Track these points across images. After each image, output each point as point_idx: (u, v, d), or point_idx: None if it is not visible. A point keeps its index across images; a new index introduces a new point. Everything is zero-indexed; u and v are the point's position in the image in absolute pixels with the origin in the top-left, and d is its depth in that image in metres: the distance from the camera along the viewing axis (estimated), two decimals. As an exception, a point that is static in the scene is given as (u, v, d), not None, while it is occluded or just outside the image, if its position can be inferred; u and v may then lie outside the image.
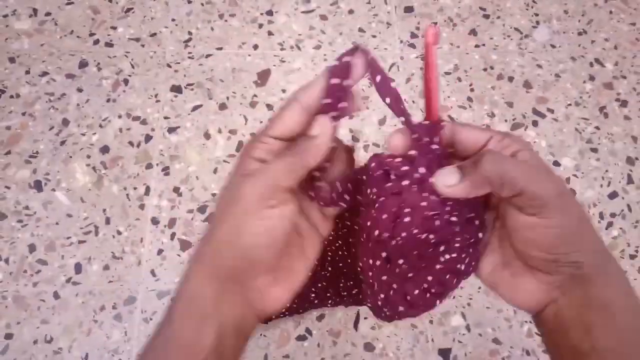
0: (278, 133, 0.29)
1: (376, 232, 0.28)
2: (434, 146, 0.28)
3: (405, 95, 0.75)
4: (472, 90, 0.77)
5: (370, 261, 0.29)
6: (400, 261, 0.29)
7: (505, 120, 0.75)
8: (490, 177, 0.26)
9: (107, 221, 0.65)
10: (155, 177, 0.68)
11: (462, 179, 0.27)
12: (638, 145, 0.74)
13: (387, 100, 0.28)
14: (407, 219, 0.28)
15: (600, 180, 0.72)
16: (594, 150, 0.74)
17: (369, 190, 0.29)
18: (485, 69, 0.79)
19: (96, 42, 0.77)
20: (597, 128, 0.75)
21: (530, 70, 0.79)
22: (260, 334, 0.61)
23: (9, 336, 0.59)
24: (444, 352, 0.61)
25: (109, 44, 0.77)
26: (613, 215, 0.69)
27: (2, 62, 0.75)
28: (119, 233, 0.65)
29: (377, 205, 0.28)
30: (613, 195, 0.71)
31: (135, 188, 0.67)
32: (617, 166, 0.73)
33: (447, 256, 0.29)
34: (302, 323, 0.62)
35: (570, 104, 0.77)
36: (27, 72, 0.74)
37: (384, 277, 0.30)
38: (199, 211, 0.67)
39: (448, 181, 0.27)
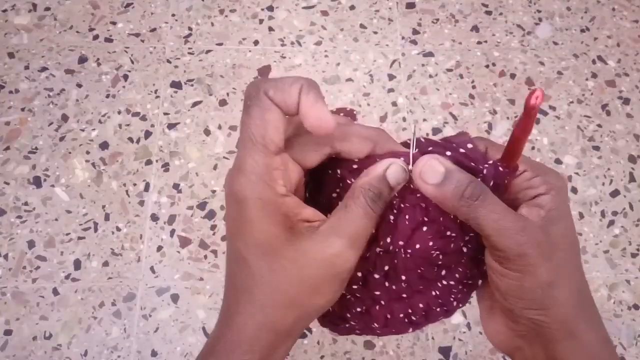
0: (277, 140, 0.25)
1: (388, 240, 0.27)
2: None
3: (406, 92, 0.75)
4: (474, 87, 0.76)
5: (360, 273, 0.28)
6: (403, 277, 0.28)
7: (507, 118, 0.74)
8: (460, 215, 0.25)
9: (107, 217, 0.65)
10: (154, 173, 0.68)
11: (443, 183, 0.24)
12: (640, 143, 0.74)
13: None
14: (425, 228, 0.27)
15: (602, 179, 0.71)
16: (596, 148, 0.73)
17: None
18: (487, 66, 0.78)
19: (96, 37, 0.77)
20: (599, 126, 0.75)
21: (532, 67, 0.78)
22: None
23: (8, 332, 0.59)
24: (445, 350, 0.61)
25: (109, 39, 0.77)
26: (615, 213, 0.69)
27: (1, 57, 0.74)
28: (119, 229, 0.65)
29: (399, 211, 0.27)
30: (615, 194, 0.70)
31: (134, 184, 0.67)
32: (619, 164, 0.72)
33: (445, 282, 0.28)
34: (302, 320, 0.62)
35: (572, 102, 0.76)
36: (27, 68, 0.74)
37: (377, 292, 0.28)
38: (198, 208, 0.66)
39: (427, 176, 0.25)
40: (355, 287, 0.28)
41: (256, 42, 0.78)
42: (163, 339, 0.59)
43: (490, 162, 0.26)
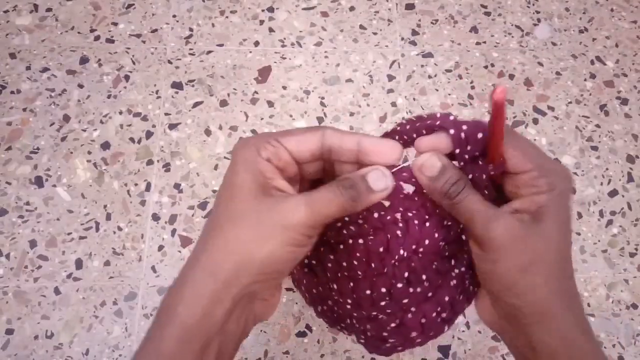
0: (293, 147, 0.28)
1: (402, 251, 0.28)
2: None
3: (405, 93, 0.76)
4: (472, 87, 0.77)
5: (384, 289, 0.29)
6: (424, 277, 0.29)
7: (506, 118, 0.75)
8: (444, 203, 0.27)
9: (108, 217, 0.65)
10: (156, 173, 0.68)
11: (437, 177, 0.27)
12: (638, 143, 0.74)
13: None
14: (428, 224, 0.28)
15: (600, 179, 0.72)
16: (594, 148, 0.74)
17: (376, 215, 0.28)
18: (486, 67, 0.79)
19: (97, 38, 0.77)
20: (598, 126, 0.75)
21: (531, 68, 0.79)
22: (260, 330, 0.61)
23: (9, 331, 0.59)
24: (444, 349, 0.61)
25: (110, 40, 0.77)
26: (613, 213, 0.70)
27: (2, 58, 0.75)
28: (120, 229, 0.65)
29: (407, 221, 0.28)
30: (613, 194, 0.71)
31: (136, 184, 0.68)
32: (618, 164, 0.73)
33: (457, 270, 0.30)
34: (303, 319, 0.62)
35: (570, 102, 0.77)
36: (28, 68, 0.74)
37: (405, 300, 0.29)
38: (199, 207, 0.67)
39: (427, 169, 0.27)
40: (383, 303, 0.29)
41: (257, 43, 0.78)
42: (164, 337, 0.60)
43: (480, 163, 0.28)
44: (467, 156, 0.27)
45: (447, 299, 0.30)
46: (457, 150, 0.27)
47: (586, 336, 0.27)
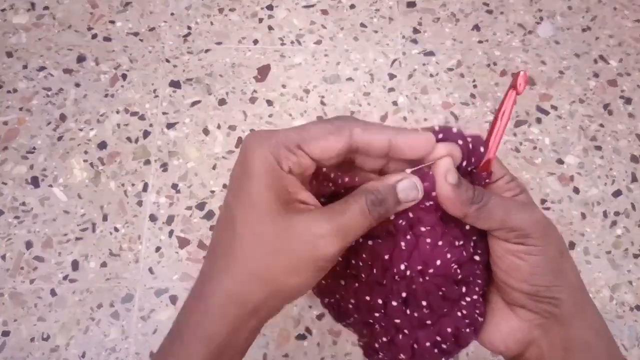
0: (318, 155, 0.25)
1: (403, 267, 0.26)
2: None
3: (406, 92, 0.75)
4: (475, 86, 0.76)
5: (380, 301, 0.27)
6: (424, 303, 0.27)
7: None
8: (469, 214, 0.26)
9: (105, 218, 0.65)
10: (153, 173, 0.68)
11: (458, 185, 0.26)
12: (642, 143, 0.74)
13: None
14: (440, 243, 0.26)
15: (604, 179, 0.71)
16: (598, 148, 0.73)
17: (392, 217, 0.26)
18: (488, 65, 0.78)
19: (94, 36, 0.76)
20: (601, 125, 0.74)
21: (533, 66, 0.78)
22: (260, 333, 0.60)
23: (5, 333, 0.59)
24: (445, 352, 0.60)
25: (107, 39, 0.76)
26: (617, 213, 0.69)
27: (-1, 57, 0.74)
28: (117, 230, 0.64)
29: (418, 236, 0.26)
30: (617, 194, 0.70)
31: (133, 184, 0.67)
32: (621, 164, 0.72)
33: (469, 299, 0.28)
34: (302, 322, 0.61)
35: (574, 101, 0.76)
36: (25, 67, 0.73)
37: (397, 320, 0.27)
38: (197, 208, 0.66)
39: (449, 174, 0.26)
40: (377, 314, 0.28)
41: (256, 41, 0.77)
42: (162, 340, 0.59)
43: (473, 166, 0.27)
44: (469, 169, 0.27)
45: (449, 330, 0.28)
46: (464, 163, 0.26)
47: (605, 325, 0.28)
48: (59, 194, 0.66)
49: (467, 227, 0.27)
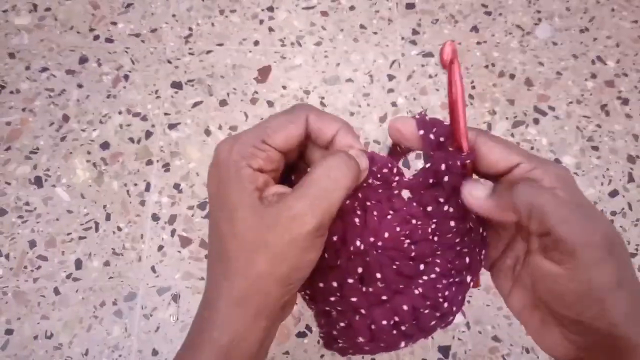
0: (282, 145, 0.26)
1: (358, 242, 0.26)
2: (446, 174, 0.26)
3: (405, 93, 0.75)
4: (473, 87, 0.77)
5: (335, 283, 0.27)
6: (378, 275, 0.26)
7: (507, 118, 0.75)
8: (519, 206, 0.23)
9: (108, 217, 0.65)
10: (155, 173, 0.68)
11: (491, 195, 0.24)
12: (639, 143, 0.74)
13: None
14: (389, 217, 0.26)
15: (601, 179, 0.72)
16: (595, 148, 0.74)
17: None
18: (486, 66, 0.78)
19: (96, 37, 0.77)
20: (599, 126, 0.75)
21: (531, 67, 0.79)
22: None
23: (9, 332, 0.59)
24: (444, 350, 0.61)
25: (109, 40, 0.77)
26: (613, 213, 0.69)
27: (2, 58, 0.75)
28: (120, 229, 0.65)
29: (365, 211, 0.26)
30: (614, 194, 0.71)
31: (135, 184, 0.67)
32: (618, 164, 0.73)
33: (426, 277, 0.27)
34: (302, 320, 0.62)
35: (571, 102, 0.77)
36: (27, 68, 0.74)
37: (354, 299, 0.27)
38: (199, 207, 0.67)
39: (475, 191, 0.25)
40: (333, 299, 0.27)
41: (256, 43, 0.78)
42: (164, 338, 0.60)
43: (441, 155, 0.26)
44: (432, 137, 0.26)
45: (405, 308, 0.27)
46: (422, 132, 0.26)
47: None
48: (62, 194, 0.66)
49: (447, 208, 0.27)
